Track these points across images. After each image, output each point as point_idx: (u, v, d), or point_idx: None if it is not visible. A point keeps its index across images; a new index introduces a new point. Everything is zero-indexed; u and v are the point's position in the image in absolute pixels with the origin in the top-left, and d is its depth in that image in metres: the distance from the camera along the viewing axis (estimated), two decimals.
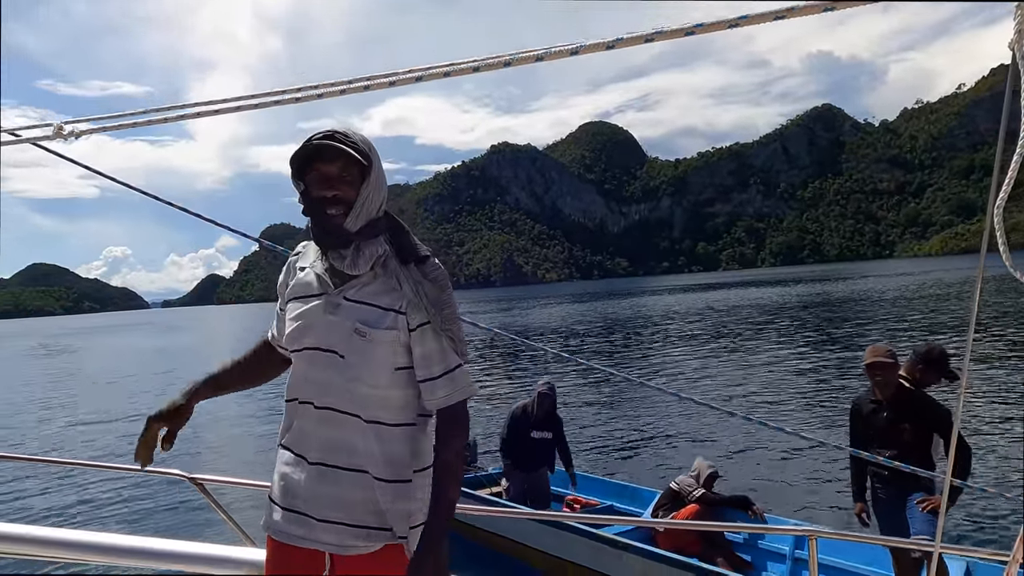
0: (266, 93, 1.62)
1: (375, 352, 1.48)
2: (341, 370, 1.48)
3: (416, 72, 1.43)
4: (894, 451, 4.09)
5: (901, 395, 4.29)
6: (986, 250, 1.18)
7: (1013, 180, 1.06)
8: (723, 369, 18.12)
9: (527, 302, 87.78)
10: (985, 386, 13.22)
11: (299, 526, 1.51)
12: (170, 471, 2.42)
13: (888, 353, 4.31)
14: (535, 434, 6.48)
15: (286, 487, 1.54)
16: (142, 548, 2.18)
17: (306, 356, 1.53)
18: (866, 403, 4.43)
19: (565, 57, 1.29)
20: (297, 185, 1.54)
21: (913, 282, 60.19)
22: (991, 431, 10.13)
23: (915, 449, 4.14)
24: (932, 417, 4.19)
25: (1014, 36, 1.00)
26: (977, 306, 1.29)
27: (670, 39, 1.20)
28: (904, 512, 4.22)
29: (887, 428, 4.27)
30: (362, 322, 1.48)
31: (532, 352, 24.50)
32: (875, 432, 4.33)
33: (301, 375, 1.55)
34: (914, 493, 4.22)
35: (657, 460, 10.34)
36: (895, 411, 4.27)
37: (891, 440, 4.23)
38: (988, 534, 6.62)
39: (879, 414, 4.33)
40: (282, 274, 1.72)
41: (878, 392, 4.34)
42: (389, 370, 1.50)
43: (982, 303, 30.26)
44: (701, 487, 5.80)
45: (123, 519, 8.70)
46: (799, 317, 33.27)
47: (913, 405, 4.25)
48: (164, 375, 27.72)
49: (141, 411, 17.60)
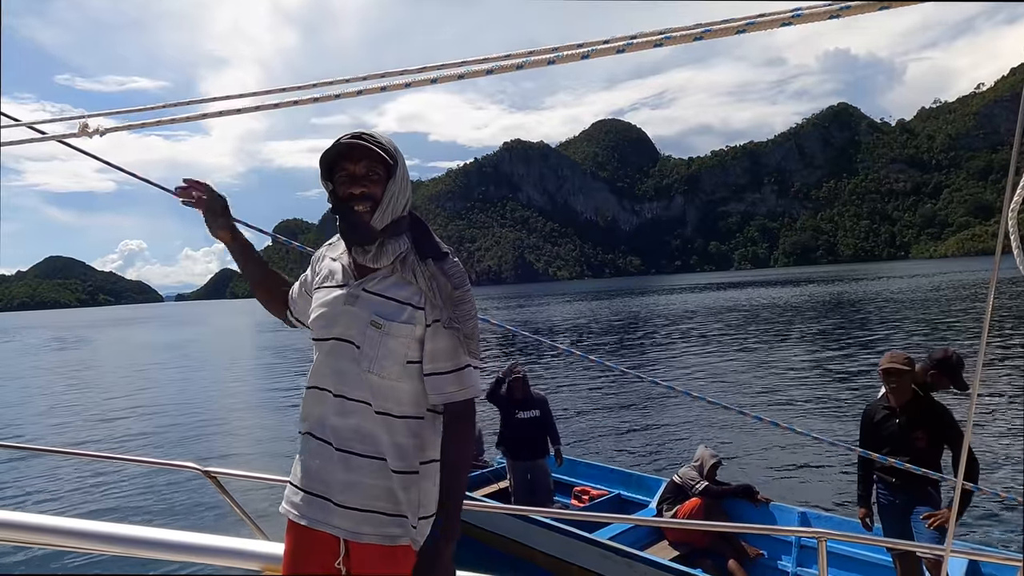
0: (283, 89, 1.65)
1: (389, 344, 1.52)
2: (357, 360, 1.53)
3: (431, 74, 1.46)
4: (906, 458, 4.01)
5: (915, 402, 4.24)
6: (1001, 253, 1.18)
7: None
8: (734, 367, 18.02)
9: (538, 299, 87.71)
10: (997, 390, 13.07)
11: (319, 509, 1.55)
12: (184, 464, 2.44)
13: (906, 360, 4.25)
14: (521, 414, 6.52)
15: (308, 471, 1.58)
16: (156, 539, 2.21)
17: (328, 346, 1.58)
18: (879, 409, 4.37)
19: (575, 61, 1.31)
20: (326, 185, 1.60)
21: (928, 284, 59.49)
22: (1003, 435, 10.02)
23: (927, 457, 4.08)
24: (945, 425, 4.14)
25: None
26: (991, 309, 1.28)
27: (679, 44, 1.21)
28: (910, 523, 4.18)
29: (899, 435, 4.23)
30: (379, 314, 1.53)
31: (540, 349, 24.51)
32: (887, 438, 4.28)
33: (323, 364, 1.59)
34: (921, 506, 4.16)
35: (664, 449, 10.44)
36: (908, 418, 4.22)
37: (903, 447, 4.18)
38: (998, 537, 6.55)
39: (891, 420, 4.28)
40: (310, 267, 1.80)
41: (892, 398, 4.28)
42: (401, 362, 1.53)
43: (997, 305, 29.85)
44: (704, 479, 5.79)
45: (137, 511, 8.79)
46: (812, 317, 33.00)
47: (926, 413, 4.19)
48: (176, 369, 27.98)
49: (152, 405, 17.80)
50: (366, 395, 1.52)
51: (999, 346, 18.46)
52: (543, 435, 6.57)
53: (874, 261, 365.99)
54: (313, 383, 1.60)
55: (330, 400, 1.55)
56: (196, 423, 14.63)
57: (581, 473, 7.36)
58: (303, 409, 1.63)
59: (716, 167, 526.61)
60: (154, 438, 13.30)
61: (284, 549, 1.63)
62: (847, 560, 4.93)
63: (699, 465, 5.92)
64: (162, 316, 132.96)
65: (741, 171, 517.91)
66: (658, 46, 1.23)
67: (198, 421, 14.84)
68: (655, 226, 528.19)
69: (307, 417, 1.61)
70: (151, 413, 16.52)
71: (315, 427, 1.58)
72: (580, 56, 1.30)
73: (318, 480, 1.56)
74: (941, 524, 3.96)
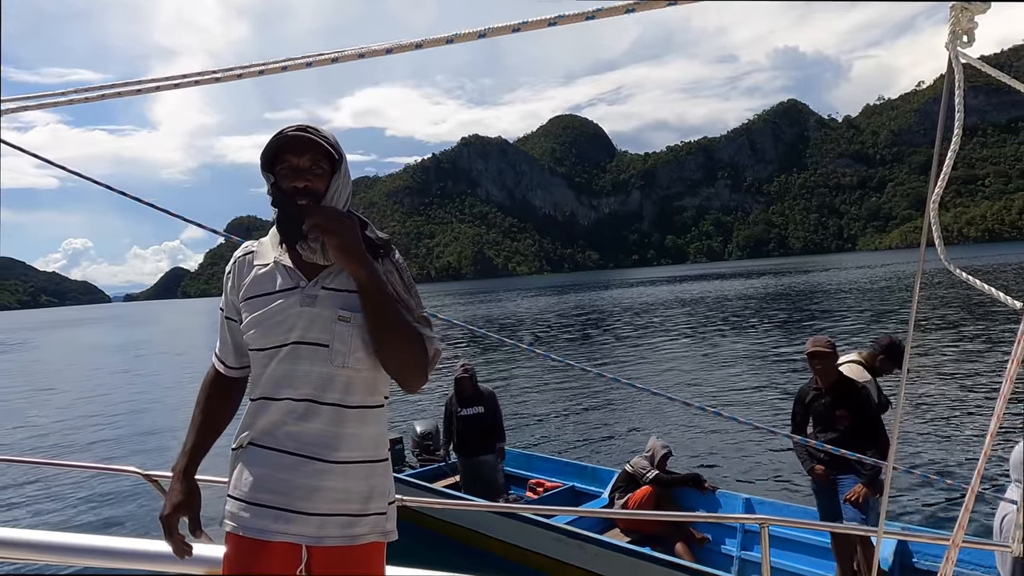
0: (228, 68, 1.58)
1: (359, 336, 1.50)
2: (327, 359, 1.48)
3: (386, 44, 1.40)
4: (832, 435, 4.42)
5: (840, 383, 4.56)
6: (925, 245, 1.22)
7: (947, 177, 1.10)
8: (688, 359, 18.38)
9: (498, 295, 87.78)
10: (928, 374, 13.66)
11: (273, 520, 1.48)
12: (124, 468, 2.37)
13: (828, 343, 4.58)
14: (464, 411, 6.67)
15: (257, 483, 1.50)
16: (99, 547, 2.14)
17: (284, 352, 1.50)
18: (809, 390, 4.69)
19: (542, 28, 1.26)
20: (267, 177, 1.55)
21: (872, 275, 61.73)
22: (933, 418, 10.49)
23: (851, 434, 4.40)
24: (866, 405, 4.49)
25: (948, 37, 1.03)
26: (917, 299, 1.33)
27: (648, 10, 1.18)
28: (838, 494, 4.51)
29: (826, 414, 4.56)
30: (343, 308, 1.50)
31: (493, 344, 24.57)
32: (816, 417, 4.62)
33: (277, 371, 1.50)
34: (846, 477, 4.50)
35: (616, 442, 10.61)
36: (833, 398, 4.54)
37: (830, 425, 4.52)
38: (928, 517, 6.83)
39: (819, 400, 4.60)
40: (228, 279, 1.62)
41: (819, 380, 4.59)
42: (370, 352, 1.52)
43: (930, 296, 31.19)
44: (655, 468, 6.01)
45: (78, 518, 8.49)
46: (763, 309, 33.88)
47: (850, 393, 4.52)
48: (121, 374, 27.10)
49: (96, 408, 17.19)
50: (338, 394, 1.49)
51: (929, 332, 19.29)
52: (487, 432, 6.65)
53: (823, 253, 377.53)
54: (264, 393, 1.52)
55: (288, 407, 1.49)
56: (141, 426, 14.17)
57: (537, 467, 7.49)
58: (246, 421, 1.56)
59: (672, 162, 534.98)
60: (96, 443, 12.83)
61: (225, 565, 1.55)
62: (789, 542, 5.19)
63: (650, 455, 6.13)
64: (109, 317, 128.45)
65: (696, 166, 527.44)
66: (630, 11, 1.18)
67: (143, 424, 14.38)
68: (613, 221, 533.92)
69: (251, 427, 1.54)
70: (94, 417, 15.95)
71: (262, 437, 1.52)
72: (547, 23, 1.25)
73: (268, 491, 1.49)
74: (859, 498, 4.28)
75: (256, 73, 1.51)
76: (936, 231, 1.17)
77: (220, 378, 1.70)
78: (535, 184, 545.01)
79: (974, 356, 15.58)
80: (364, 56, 1.41)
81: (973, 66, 1.05)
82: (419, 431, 7.95)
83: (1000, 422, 1.21)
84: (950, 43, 1.04)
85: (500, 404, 7.01)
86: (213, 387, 1.70)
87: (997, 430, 1.25)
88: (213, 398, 1.69)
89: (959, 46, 1.02)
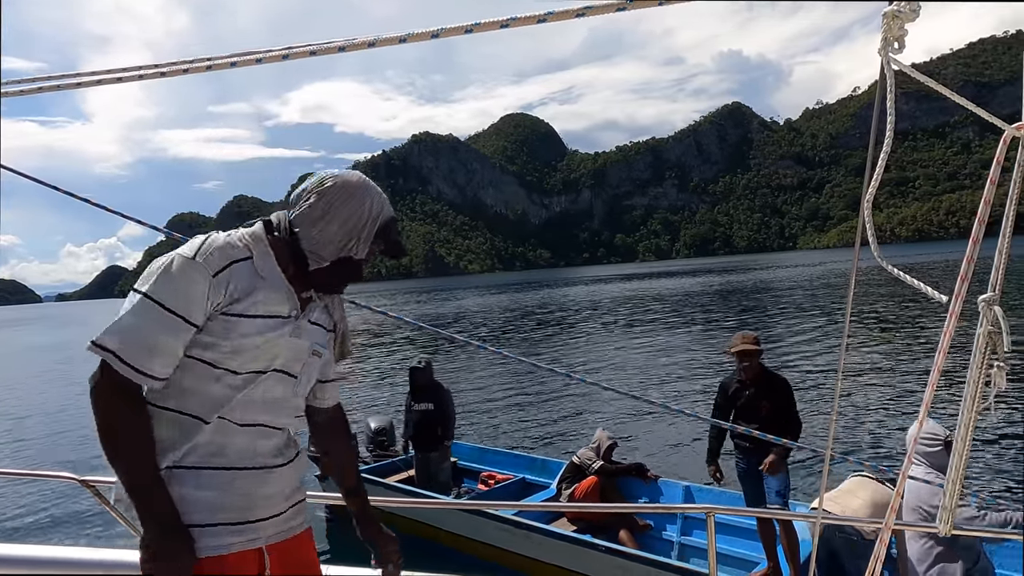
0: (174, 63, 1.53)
1: (318, 369, 1.61)
2: (290, 388, 1.54)
3: (338, 42, 1.37)
4: (755, 424, 4.68)
5: (762, 377, 4.87)
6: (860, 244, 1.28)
7: (879, 178, 1.16)
8: (636, 353, 18.76)
9: (449, 293, 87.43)
10: (861, 366, 14.32)
11: (232, 535, 1.43)
12: (59, 474, 2.27)
13: (753, 340, 4.88)
14: (416, 406, 6.77)
15: (212, 505, 1.41)
16: (32, 557, 2.05)
17: (265, 378, 1.46)
18: (732, 383, 5.00)
19: (495, 29, 1.26)
20: (376, 243, 1.56)
21: (811, 272, 64.22)
22: (867, 405, 11.03)
23: (771, 423, 4.71)
24: (785, 396, 4.82)
25: (881, 43, 1.08)
26: (852, 294, 1.40)
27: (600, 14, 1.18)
28: (763, 484, 4.83)
29: (748, 404, 4.86)
30: (318, 343, 1.58)
31: (444, 341, 24.49)
32: (739, 408, 4.91)
33: (252, 396, 1.45)
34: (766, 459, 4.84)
35: (564, 434, 10.86)
36: (756, 390, 4.85)
37: (752, 415, 4.82)
38: None
39: (742, 392, 4.90)
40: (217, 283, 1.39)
41: (744, 373, 4.88)
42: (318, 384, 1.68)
43: (865, 292, 32.63)
44: (600, 459, 6.20)
45: (10, 526, 8.08)
46: (709, 306, 34.80)
47: (771, 385, 4.86)
48: (52, 376, 25.88)
49: (25, 411, 16.37)
50: (290, 420, 1.57)
51: (863, 327, 20.19)
52: (435, 427, 6.70)
53: (766, 252, 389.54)
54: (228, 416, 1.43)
55: (257, 431, 1.47)
56: (74, 430, 13.56)
57: (489, 460, 7.61)
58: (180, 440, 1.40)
59: (621, 162, 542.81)
60: (27, 448, 12.25)
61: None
62: (726, 527, 5.54)
63: (596, 446, 6.32)
64: (40, 317, 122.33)
65: (644, 166, 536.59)
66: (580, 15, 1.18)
67: (77, 428, 13.76)
68: (564, 219, 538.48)
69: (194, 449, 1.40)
70: (24, 420, 15.20)
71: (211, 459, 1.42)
72: (499, 25, 1.25)
73: (224, 509, 1.42)
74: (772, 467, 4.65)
75: (204, 68, 1.47)
76: (870, 230, 1.23)
77: (140, 393, 1.40)
78: (486, 182, 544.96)
79: (905, 347, 16.38)
80: (316, 54, 1.39)
81: (904, 72, 1.11)
82: (373, 427, 7.89)
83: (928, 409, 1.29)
84: (882, 49, 1.10)
85: (454, 400, 7.08)
86: (139, 404, 1.39)
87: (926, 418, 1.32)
88: (146, 420, 1.39)
89: (891, 52, 1.07)
